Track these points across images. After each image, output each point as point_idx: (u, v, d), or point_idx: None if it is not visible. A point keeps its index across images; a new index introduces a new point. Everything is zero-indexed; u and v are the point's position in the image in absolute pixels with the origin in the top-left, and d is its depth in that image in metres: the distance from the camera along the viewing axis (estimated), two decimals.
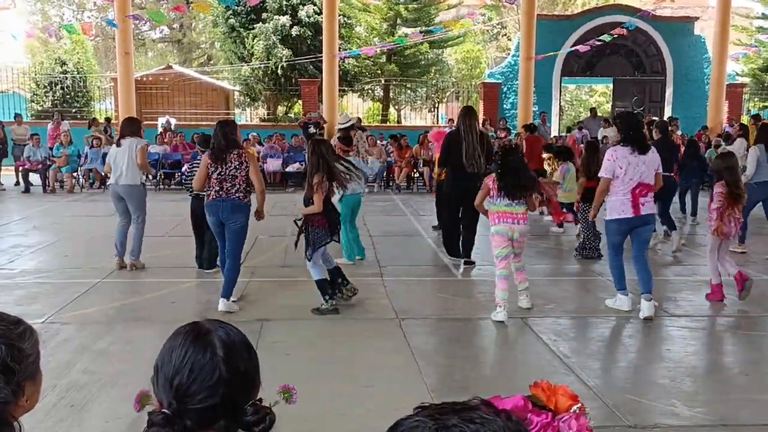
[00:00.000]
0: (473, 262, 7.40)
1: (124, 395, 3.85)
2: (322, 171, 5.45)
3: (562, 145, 12.48)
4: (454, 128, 8.11)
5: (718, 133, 17.00)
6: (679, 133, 16.73)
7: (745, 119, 20.00)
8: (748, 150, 8.96)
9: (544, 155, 12.90)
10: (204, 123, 20.65)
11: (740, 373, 4.37)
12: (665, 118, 19.14)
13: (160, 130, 17.61)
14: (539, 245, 8.67)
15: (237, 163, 5.62)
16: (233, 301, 5.75)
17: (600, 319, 5.56)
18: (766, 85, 25.45)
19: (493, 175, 5.63)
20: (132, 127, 7.46)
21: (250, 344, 1.33)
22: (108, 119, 18.79)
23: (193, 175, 7.44)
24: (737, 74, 24.21)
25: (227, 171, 5.63)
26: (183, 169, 14.90)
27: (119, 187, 7.18)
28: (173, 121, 19.22)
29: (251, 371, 1.30)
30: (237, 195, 5.61)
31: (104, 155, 15.39)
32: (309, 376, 4.19)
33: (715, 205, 5.96)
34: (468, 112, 7.58)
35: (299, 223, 5.67)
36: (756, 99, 25.53)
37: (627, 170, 5.46)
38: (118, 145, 7.30)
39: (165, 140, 16.20)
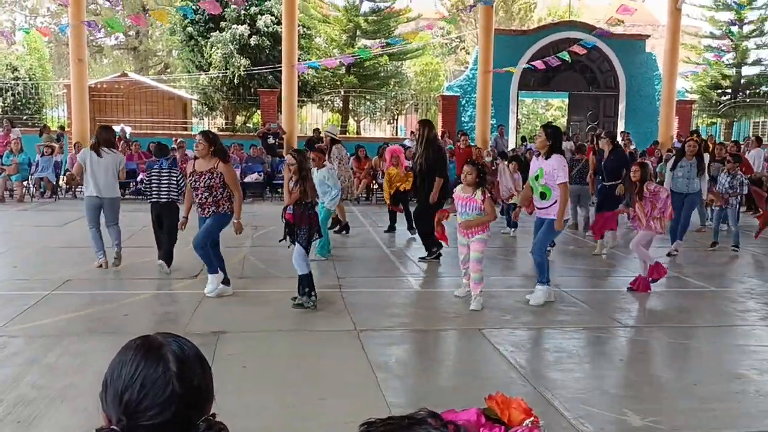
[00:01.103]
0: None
1: (73, 409, 3.75)
2: (302, 179, 5.86)
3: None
4: (440, 142, 8.55)
5: (668, 148, 17.49)
6: (632, 147, 17.14)
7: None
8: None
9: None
10: (160, 132, 20.35)
11: (690, 383, 4.47)
12: (618, 132, 19.65)
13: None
14: (495, 256, 8.76)
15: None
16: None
17: (556, 330, 5.64)
18: (713, 102, 26.32)
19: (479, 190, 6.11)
20: (110, 137, 7.72)
21: (203, 358, 1.30)
22: (62, 127, 18.36)
23: (151, 183, 7.43)
24: (686, 91, 24.99)
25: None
26: (139, 177, 14.67)
27: (104, 199, 7.49)
28: (128, 130, 18.88)
29: (205, 386, 1.27)
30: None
31: (56, 164, 15.05)
32: (265, 389, 4.14)
33: (665, 194, 6.79)
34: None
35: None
36: (704, 115, 26.39)
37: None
38: (99, 155, 7.42)
39: (119, 149, 15.87)
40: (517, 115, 22.38)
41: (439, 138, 8.50)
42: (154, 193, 7.54)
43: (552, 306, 6.30)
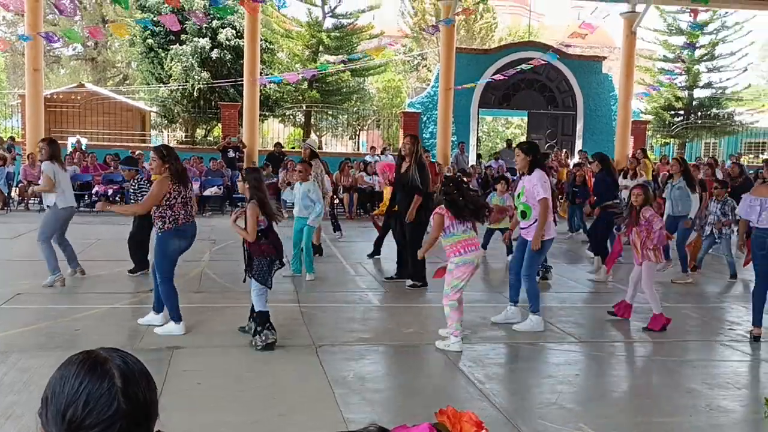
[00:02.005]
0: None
1: (18, 428, 3.62)
2: (256, 199, 5.27)
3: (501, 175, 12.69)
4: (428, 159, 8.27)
5: (623, 167, 17.86)
6: (588, 165, 17.47)
7: (651, 156, 21.16)
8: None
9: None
10: (117, 144, 20.02)
11: (644, 396, 4.54)
12: (577, 152, 20.04)
13: (70, 149, 16.92)
14: None
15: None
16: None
17: (514, 345, 5.68)
18: (667, 123, 27.06)
19: (442, 206, 5.48)
20: (56, 149, 7.53)
21: (148, 373, 1.26)
22: (12, 138, 17.90)
23: (142, 194, 7.31)
24: (641, 112, 25.65)
25: (188, 194, 5.72)
26: (95, 189, 14.38)
27: (75, 209, 7.56)
28: (84, 141, 18.52)
29: (150, 401, 1.23)
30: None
31: (8, 174, 14.64)
32: (220, 405, 4.06)
33: (659, 225, 6.33)
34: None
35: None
36: (658, 135, 27.10)
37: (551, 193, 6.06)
38: (64, 168, 7.47)
39: (75, 160, 15.56)
40: (477, 133, 22.64)
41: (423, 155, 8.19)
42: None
43: (511, 322, 6.34)
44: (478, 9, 18.78)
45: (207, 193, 15.57)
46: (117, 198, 14.77)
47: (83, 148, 17.29)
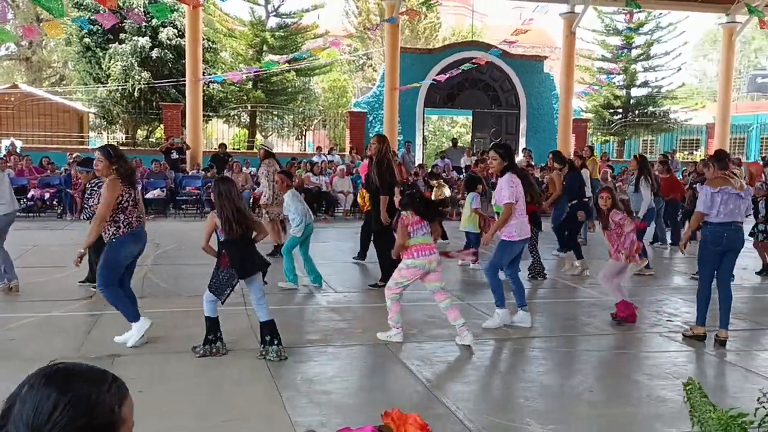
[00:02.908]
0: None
1: None
2: (219, 210, 5.03)
3: (468, 175, 12.72)
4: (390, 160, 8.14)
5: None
6: (533, 163, 17.81)
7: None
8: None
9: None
10: (53, 146, 19.38)
11: (587, 389, 4.64)
12: (521, 150, 20.38)
13: (3, 153, 16.29)
14: None
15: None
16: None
17: (461, 343, 5.72)
18: (606, 121, 27.79)
19: (404, 212, 5.58)
20: None
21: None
22: None
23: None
24: (582, 110, 26.28)
25: (137, 195, 5.46)
26: (30, 194, 13.88)
27: (15, 215, 7.32)
28: (19, 144, 17.85)
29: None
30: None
31: None
32: (164, 413, 3.96)
33: (629, 228, 6.41)
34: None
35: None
36: (599, 133, 27.80)
37: (522, 195, 6.06)
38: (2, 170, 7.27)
39: (9, 164, 14.97)
40: (423, 132, 22.78)
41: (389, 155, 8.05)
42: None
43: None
44: (422, 9, 18.85)
45: (149, 195, 15.20)
46: (54, 202, 14.30)
47: (18, 151, 16.67)
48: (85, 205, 7.25)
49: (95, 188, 7.09)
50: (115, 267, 5.31)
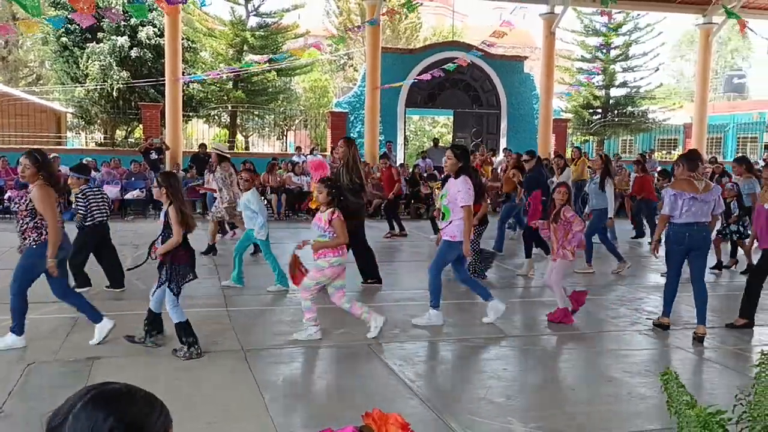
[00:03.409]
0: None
1: None
2: (176, 204, 5.09)
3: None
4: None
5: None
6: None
7: (569, 153, 21.85)
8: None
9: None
10: (31, 147, 19.10)
11: (568, 387, 4.67)
12: (502, 149, 20.47)
13: None
14: (386, 270, 8.82)
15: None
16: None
17: (444, 342, 5.74)
18: (586, 121, 28.00)
19: (337, 210, 5.64)
20: None
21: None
22: None
23: (89, 202, 6.95)
24: (562, 110, 26.45)
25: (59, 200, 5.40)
26: (7, 195, 13.66)
27: None
28: None
29: None
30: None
31: None
32: None
33: (578, 227, 6.43)
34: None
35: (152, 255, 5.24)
36: (578, 133, 28.00)
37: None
38: None
39: None
40: (404, 132, 22.80)
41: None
42: (99, 212, 7.17)
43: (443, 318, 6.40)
44: (402, 9, 18.84)
45: (129, 196, 15.08)
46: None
47: None
48: (79, 212, 7.14)
49: (80, 197, 7.03)
50: (31, 272, 5.25)
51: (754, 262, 9.06)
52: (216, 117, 25.90)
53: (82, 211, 7.04)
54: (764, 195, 6.55)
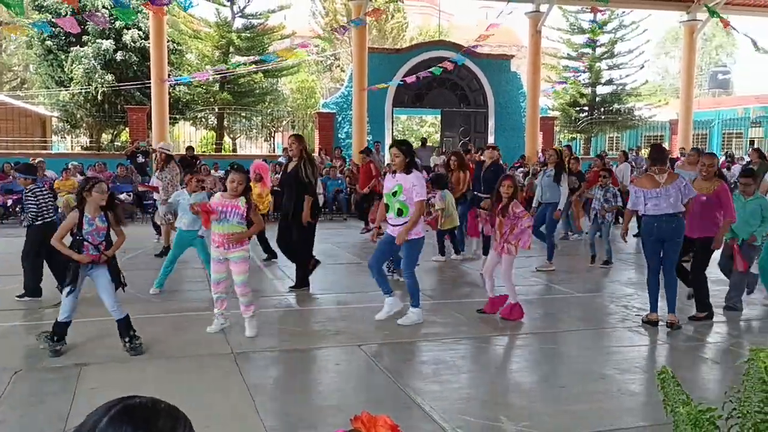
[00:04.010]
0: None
1: None
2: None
3: (435, 174, 12.80)
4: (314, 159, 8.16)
5: (535, 161, 18.47)
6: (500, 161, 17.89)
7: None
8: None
9: None
10: (16, 152, 18.96)
11: (559, 385, 4.68)
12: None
13: None
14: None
15: None
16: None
17: (433, 342, 5.73)
18: (573, 118, 28.11)
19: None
20: None
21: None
22: None
23: (39, 203, 6.89)
24: (549, 108, 26.54)
25: None
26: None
27: None
28: None
29: None
30: None
31: None
32: None
33: (527, 223, 6.44)
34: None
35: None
36: (565, 131, 28.11)
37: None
38: None
39: None
40: (392, 132, 22.80)
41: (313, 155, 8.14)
42: (48, 211, 7.07)
43: (428, 318, 6.41)
44: (388, 9, 18.81)
45: None
46: (17, 209, 14.00)
47: None
48: (25, 212, 7.15)
49: (29, 195, 6.98)
50: None
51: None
52: (203, 119, 25.78)
53: (33, 210, 6.99)
54: (699, 183, 6.52)
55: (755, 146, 19.02)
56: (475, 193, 9.66)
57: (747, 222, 6.77)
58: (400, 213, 6.09)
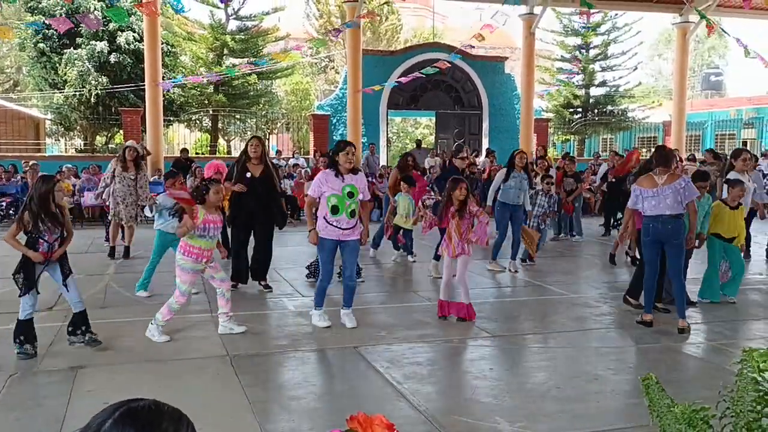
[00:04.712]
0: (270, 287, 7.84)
1: None
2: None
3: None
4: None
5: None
6: (496, 164, 17.94)
7: (551, 152, 22.04)
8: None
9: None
10: (10, 154, 18.90)
11: (553, 386, 4.70)
12: (484, 150, 20.55)
13: None
14: (370, 273, 8.83)
15: None
16: None
17: (429, 344, 5.75)
18: (567, 120, 28.20)
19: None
20: None
21: None
22: None
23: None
24: (543, 110, 26.62)
25: None
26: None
27: None
28: None
29: None
30: None
31: None
32: None
33: (485, 219, 6.65)
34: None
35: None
36: (559, 132, 28.20)
37: None
38: None
39: None
40: (387, 134, 22.83)
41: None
42: None
43: (424, 320, 6.43)
44: (382, 11, 18.80)
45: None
46: (11, 212, 13.97)
47: None
48: None
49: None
50: None
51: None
52: (197, 121, 25.76)
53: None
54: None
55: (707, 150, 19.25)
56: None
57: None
58: (353, 214, 5.99)
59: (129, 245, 10.03)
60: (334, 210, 5.91)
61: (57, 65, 21.73)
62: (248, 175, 7.49)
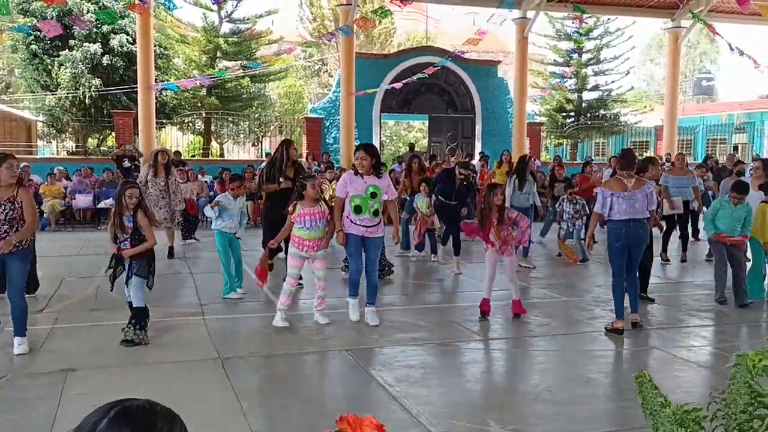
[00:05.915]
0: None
1: None
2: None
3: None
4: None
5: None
6: (487, 168, 17.98)
7: (544, 156, 22.09)
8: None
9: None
10: None
11: (546, 389, 4.70)
12: (477, 153, 20.58)
13: None
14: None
15: None
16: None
17: (422, 346, 5.74)
18: (559, 124, 28.29)
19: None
20: None
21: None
22: None
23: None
24: (536, 114, 26.68)
25: None
26: None
27: None
28: None
29: None
30: None
31: None
32: None
33: (525, 223, 6.75)
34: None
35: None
36: (552, 136, 28.28)
37: None
38: None
39: None
40: (380, 137, 22.83)
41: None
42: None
43: (416, 323, 6.43)
44: (374, 18, 18.76)
45: (102, 205, 14.88)
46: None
47: None
48: None
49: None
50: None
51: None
52: (190, 124, 25.71)
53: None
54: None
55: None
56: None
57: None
58: (377, 213, 6.21)
59: (172, 245, 10.27)
60: (357, 210, 6.14)
61: (49, 67, 21.66)
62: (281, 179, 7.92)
